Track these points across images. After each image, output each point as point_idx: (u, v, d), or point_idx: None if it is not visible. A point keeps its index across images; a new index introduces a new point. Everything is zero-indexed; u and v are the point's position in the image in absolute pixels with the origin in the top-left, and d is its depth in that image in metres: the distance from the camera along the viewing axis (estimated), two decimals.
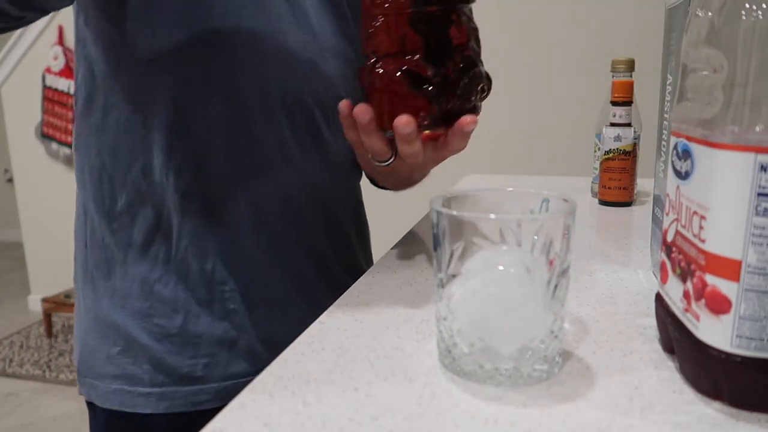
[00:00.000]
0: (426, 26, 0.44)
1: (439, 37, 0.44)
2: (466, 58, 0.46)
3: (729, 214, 0.30)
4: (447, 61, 0.45)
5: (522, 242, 0.34)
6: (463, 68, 0.46)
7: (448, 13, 0.45)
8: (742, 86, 0.29)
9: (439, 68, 0.45)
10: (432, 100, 0.45)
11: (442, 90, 0.45)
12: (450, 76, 0.45)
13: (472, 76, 0.46)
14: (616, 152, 0.82)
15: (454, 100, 0.46)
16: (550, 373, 0.36)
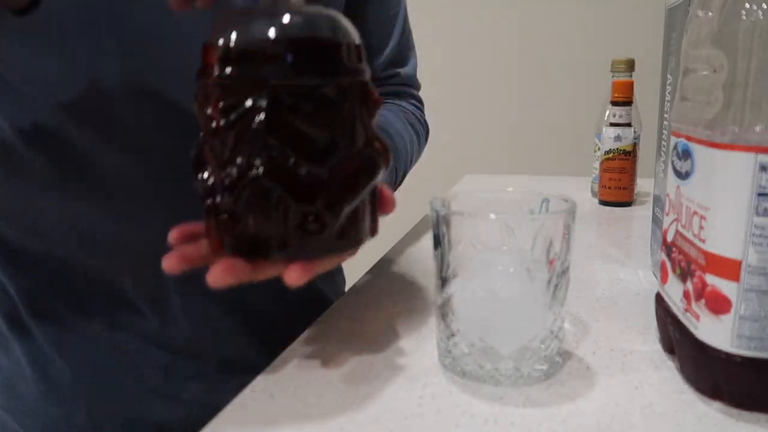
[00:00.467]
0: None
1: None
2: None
3: (729, 214, 0.30)
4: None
5: (522, 242, 0.34)
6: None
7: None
8: (742, 86, 0.29)
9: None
10: (203, 198, 0.33)
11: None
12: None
13: (264, 194, 0.31)
14: (616, 152, 0.82)
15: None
16: (550, 373, 0.36)
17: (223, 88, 0.30)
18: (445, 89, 1.69)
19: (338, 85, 0.31)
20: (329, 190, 0.31)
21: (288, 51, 0.30)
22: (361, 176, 0.33)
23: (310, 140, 0.31)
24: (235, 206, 0.31)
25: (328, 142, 0.31)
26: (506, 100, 1.73)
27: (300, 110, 0.30)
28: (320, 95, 0.31)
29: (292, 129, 0.30)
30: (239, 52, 0.30)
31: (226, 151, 0.31)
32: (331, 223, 0.32)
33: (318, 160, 0.31)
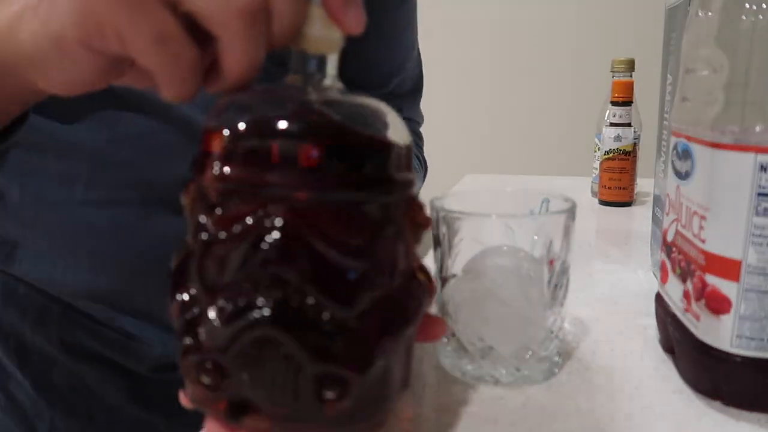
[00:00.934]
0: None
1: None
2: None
3: (729, 214, 0.30)
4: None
5: (522, 242, 0.34)
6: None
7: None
8: (742, 86, 0.29)
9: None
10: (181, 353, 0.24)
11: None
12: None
13: (267, 348, 0.23)
14: (616, 152, 0.82)
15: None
16: (550, 373, 0.36)
17: (224, 192, 0.23)
18: (445, 89, 1.69)
19: (381, 201, 0.24)
20: (357, 342, 0.23)
21: (319, 154, 0.22)
22: (400, 321, 0.25)
23: (338, 274, 0.23)
24: (225, 355, 0.23)
25: (361, 277, 0.23)
26: (506, 100, 1.73)
27: (328, 233, 0.22)
28: (356, 214, 0.23)
29: (315, 257, 0.22)
30: (252, 147, 0.23)
31: (221, 275, 0.23)
32: (354, 388, 0.23)
33: (345, 301, 0.23)
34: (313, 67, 0.26)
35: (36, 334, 0.49)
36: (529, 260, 0.34)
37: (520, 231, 0.34)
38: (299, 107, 0.24)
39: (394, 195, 0.24)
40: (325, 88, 0.26)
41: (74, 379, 0.49)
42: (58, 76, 0.27)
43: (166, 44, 0.23)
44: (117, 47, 0.24)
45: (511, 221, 0.34)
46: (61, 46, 0.25)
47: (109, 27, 0.23)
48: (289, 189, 0.22)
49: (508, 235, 0.34)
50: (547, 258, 0.34)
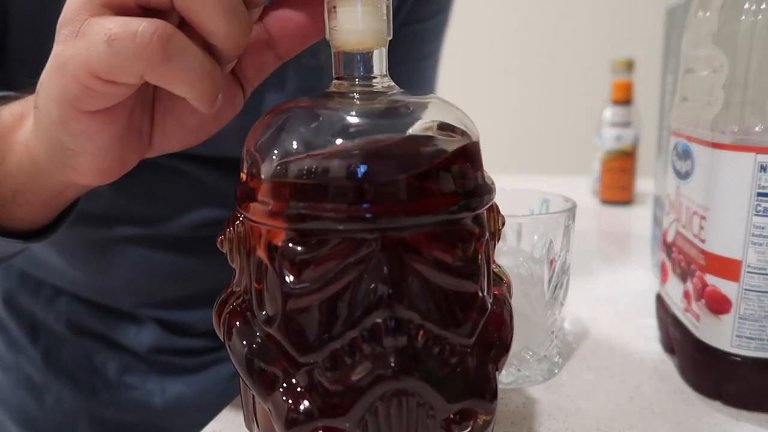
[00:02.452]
0: None
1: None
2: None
3: (729, 214, 0.30)
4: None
5: (522, 242, 0.34)
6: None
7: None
8: (742, 86, 0.29)
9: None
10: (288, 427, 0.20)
11: None
12: None
13: (400, 401, 0.20)
14: (616, 152, 0.82)
15: None
16: (550, 373, 0.36)
17: (305, 232, 0.20)
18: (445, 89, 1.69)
19: (478, 211, 0.22)
20: (482, 368, 0.22)
21: (412, 177, 0.20)
22: (507, 324, 0.23)
23: (452, 301, 0.21)
24: (344, 420, 0.20)
25: (473, 299, 0.21)
26: (506, 100, 1.73)
27: (435, 259, 0.20)
28: (456, 231, 0.21)
29: (431, 289, 0.20)
30: (337, 179, 0.19)
31: (321, 331, 0.20)
32: (486, 414, 0.22)
33: (466, 329, 0.21)
34: (361, 65, 0.23)
35: (47, 314, 0.52)
36: (529, 260, 0.34)
37: (520, 231, 0.34)
38: (370, 125, 0.21)
39: (486, 200, 0.22)
40: (378, 93, 0.23)
41: (80, 356, 0.52)
42: (83, 164, 0.27)
43: (117, 37, 0.22)
44: (97, 85, 0.23)
45: (511, 221, 0.34)
46: (65, 124, 0.25)
47: (78, 70, 0.22)
48: (387, 221, 0.19)
49: (508, 235, 0.34)
50: (547, 258, 0.34)
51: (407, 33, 0.56)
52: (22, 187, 0.31)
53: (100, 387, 0.52)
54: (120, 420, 0.52)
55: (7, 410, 0.53)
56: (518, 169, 1.71)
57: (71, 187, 0.31)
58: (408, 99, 0.23)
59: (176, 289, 0.50)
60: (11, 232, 0.32)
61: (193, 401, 0.52)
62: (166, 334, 0.52)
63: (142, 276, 0.49)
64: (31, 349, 0.52)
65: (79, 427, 0.52)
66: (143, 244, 0.49)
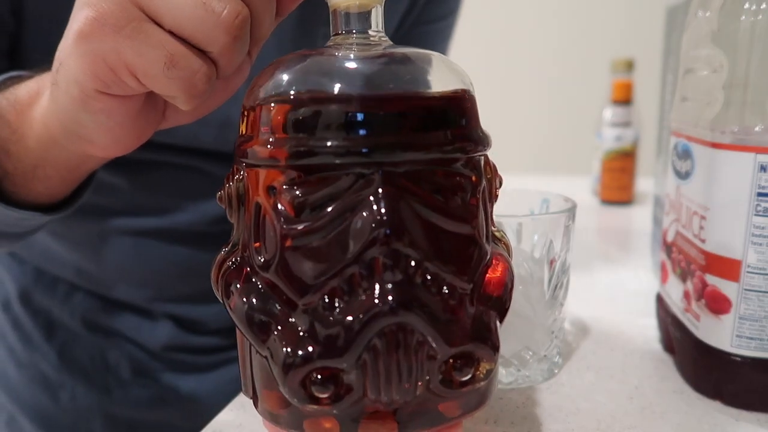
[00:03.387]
0: None
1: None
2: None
3: (729, 214, 0.30)
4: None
5: (522, 242, 0.34)
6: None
7: None
8: (742, 86, 0.29)
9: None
10: (285, 372, 0.20)
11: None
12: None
13: (399, 337, 0.20)
14: (616, 152, 0.82)
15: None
16: (550, 373, 0.36)
17: (303, 168, 0.20)
18: None
19: (473, 157, 0.22)
20: (484, 315, 0.22)
21: (409, 114, 0.20)
22: (507, 283, 0.23)
23: (450, 241, 0.21)
24: (343, 359, 0.20)
25: (471, 242, 0.21)
26: (506, 100, 1.73)
27: (432, 198, 0.21)
28: (453, 173, 0.21)
29: (425, 227, 0.20)
30: (335, 114, 0.20)
31: (319, 269, 0.20)
32: (489, 365, 0.21)
33: (465, 272, 0.21)
34: (359, 23, 0.24)
35: (62, 312, 0.52)
36: (529, 260, 0.34)
37: (520, 231, 0.34)
38: (369, 66, 0.22)
39: (484, 149, 0.23)
40: (375, 44, 0.24)
41: (94, 354, 0.52)
42: (101, 138, 0.28)
43: (177, 65, 0.24)
44: (133, 83, 0.25)
45: (511, 221, 0.34)
46: (86, 103, 0.26)
47: (119, 65, 0.24)
48: (383, 155, 0.20)
49: (508, 235, 0.34)
50: (547, 258, 0.34)
51: (417, 34, 0.57)
52: (41, 162, 0.32)
53: (114, 384, 0.52)
54: (133, 417, 0.53)
55: (21, 407, 0.53)
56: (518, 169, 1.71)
57: (88, 160, 0.32)
58: (406, 50, 0.23)
59: (190, 284, 0.51)
60: (33, 206, 0.34)
61: (206, 399, 0.52)
62: (179, 331, 0.53)
63: (157, 270, 0.50)
64: (46, 346, 0.52)
65: (93, 424, 0.52)
66: (158, 237, 0.49)
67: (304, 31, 0.47)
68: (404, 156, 0.20)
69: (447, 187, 0.21)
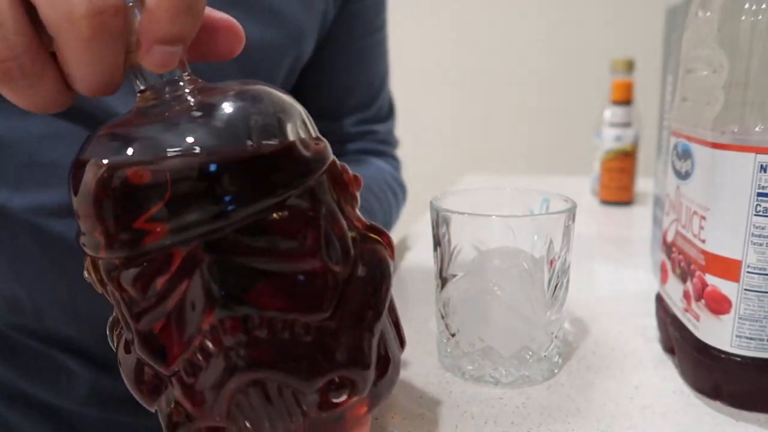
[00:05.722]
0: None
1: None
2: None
3: (729, 214, 0.30)
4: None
5: (522, 242, 0.34)
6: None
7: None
8: (742, 86, 0.29)
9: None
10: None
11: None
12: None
13: (259, 391, 0.21)
14: (616, 152, 0.82)
15: None
16: (550, 373, 0.36)
17: (131, 254, 0.19)
18: (445, 89, 1.69)
19: (305, 187, 0.21)
20: (346, 337, 0.21)
21: (222, 175, 0.19)
22: (377, 291, 0.23)
23: (292, 283, 0.20)
24: (215, 419, 0.21)
25: (319, 274, 0.21)
26: (506, 99, 1.73)
27: (265, 249, 0.20)
28: (286, 214, 0.20)
29: (260, 278, 0.20)
30: (145, 196, 0.19)
31: (179, 341, 0.20)
32: (362, 380, 0.22)
33: (314, 307, 0.21)
34: (160, 77, 0.22)
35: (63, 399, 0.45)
36: (529, 260, 0.34)
37: (520, 231, 0.34)
38: (176, 132, 0.20)
39: (314, 175, 0.21)
40: (185, 95, 0.21)
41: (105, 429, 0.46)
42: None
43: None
44: None
45: (511, 221, 0.34)
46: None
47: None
48: (202, 225, 0.19)
49: (508, 235, 0.34)
50: (547, 258, 0.34)
51: (354, 9, 0.57)
52: None
53: None
54: None
55: None
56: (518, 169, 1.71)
57: None
58: (212, 98, 0.21)
59: None
60: None
61: None
62: (100, 380, 0.45)
63: (65, 278, 0.41)
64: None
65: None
66: (68, 223, 0.40)
67: None
68: (217, 224, 0.19)
69: (276, 232, 0.20)
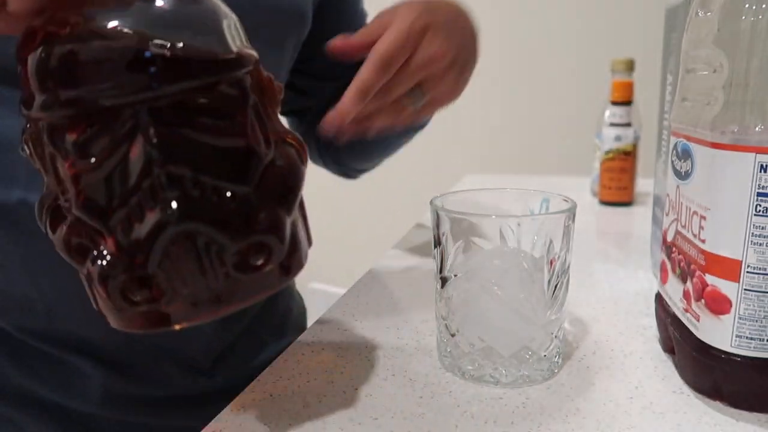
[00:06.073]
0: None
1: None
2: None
3: (729, 214, 0.30)
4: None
5: (522, 242, 0.34)
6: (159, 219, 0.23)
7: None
8: (742, 86, 0.29)
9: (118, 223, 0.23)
10: (105, 283, 0.24)
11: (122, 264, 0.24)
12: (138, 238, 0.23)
13: (187, 241, 0.24)
14: (616, 152, 0.82)
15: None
16: (550, 373, 0.36)
17: (74, 116, 0.22)
18: None
19: (232, 79, 0.24)
20: (265, 210, 0.25)
21: (165, 48, 0.22)
22: (291, 181, 0.27)
23: (224, 155, 0.24)
24: (148, 265, 0.23)
25: (244, 152, 0.25)
26: (506, 100, 1.73)
27: (198, 122, 0.23)
28: (215, 97, 0.24)
29: (197, 147, 0.23)
30: (92, 60, 0.22)
31: (110, 198, 0.23)
32: (278, 249, 0.26)
33: (240, 178, 0.25)
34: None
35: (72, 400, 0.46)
36: (529, 260, 0.34)
37: (520, 231, 0.34)
38: (125, 8, 0.23)
39: (242, 69, 0.25)
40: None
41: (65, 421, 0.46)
42: None
43: None
44: None
45: (511, 221, 0.34)
46: None
47: None
48: (142, 92, 0.22)
49: (508, 235, 0.34)
50: (547, 258, 0.34)
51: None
52: None
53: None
54: None
55: None
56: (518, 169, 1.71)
57: None
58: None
59: None
60: None
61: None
62: (112, 379, 0.46)
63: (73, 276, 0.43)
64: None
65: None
66: None
67: None
68: (162, 90, 0.22)
69: (210, 109, 0.23)
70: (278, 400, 0.34)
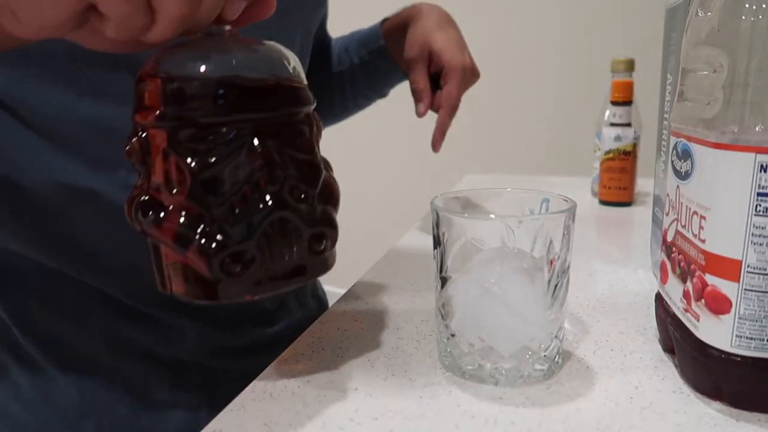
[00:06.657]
0: (189, 147, 0.29)
1: (216, 168, 0.29)
2: (268, 197, 0.30)
3: (729, 214, 0.30)
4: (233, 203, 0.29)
5: (522, 242, 0.34)
6: (260, 212, 0.30)
7: (235, 131, 0.29)
8: (742, 86, 0.29)
9: (215, 213, 0.29)
10: (210, 258, 0.29)
11: (218, 247, 0.29)
12: (234, 226, 0.29)
13: (281, 225, 0.31)
14: (616, 152, 0.82)
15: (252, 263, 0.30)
16: (550, 373, 0.36)
17: (204, 126, 0.29)
18: None
19: (305, 112, 0.33)
20: (323, 208, 0.33)
21: (276, 82, 0.31)
22: (336, 190, 0.35)
23: (300, 165, 0.32)
24: (250, 242, 0.30)
25: (313, 164, 0.33)
26: (506, 100, 1.73)
27: (287, 140, 0.31)
28: (296, 122, 0.32)
29: (285, 157, 0.31)
30: (224, 87, 0.29)
31: (221, 190, 0.29)
32: (333, 237, 0.34)
33: (314, 184, 0.32)
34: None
35: (76, 334, 0.48)
36: (529, 260, 0.34)
37: (520, 231, 0.34)
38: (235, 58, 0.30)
39: (310, 106, 0.33)
40: (229, 37, 0.32)
41: (118, 377, 0.49)
42: (32, 20, 0.26)
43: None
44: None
45: (511, 221, 0.34)
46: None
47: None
48: (259, 112, 0.30)
49: (508, 235, 0.34)
50: (547, 258, 0.34)
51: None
52: None
53: (143, 409, 0.49)
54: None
55: None
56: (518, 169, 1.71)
57: (6, 40, 0.29)
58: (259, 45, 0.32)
59: None
60: None
61: None
62: (204, 334, 0.52)
63: None
64: (62, 378, 0.48)
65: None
66: None
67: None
68: (272, 114, 0.30)
69: (295, 132, 0.32)
70: (278, 400, 0.34)
